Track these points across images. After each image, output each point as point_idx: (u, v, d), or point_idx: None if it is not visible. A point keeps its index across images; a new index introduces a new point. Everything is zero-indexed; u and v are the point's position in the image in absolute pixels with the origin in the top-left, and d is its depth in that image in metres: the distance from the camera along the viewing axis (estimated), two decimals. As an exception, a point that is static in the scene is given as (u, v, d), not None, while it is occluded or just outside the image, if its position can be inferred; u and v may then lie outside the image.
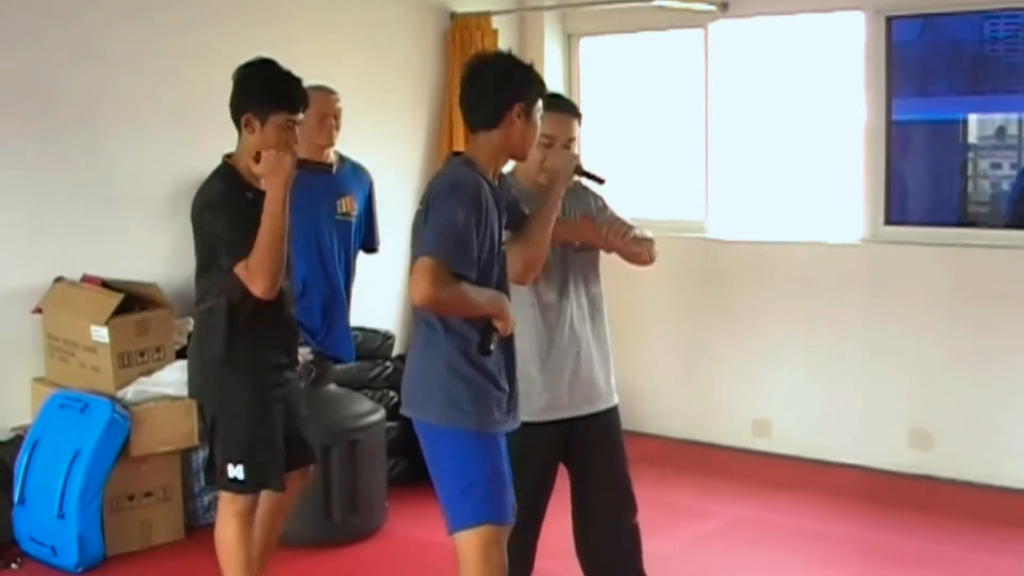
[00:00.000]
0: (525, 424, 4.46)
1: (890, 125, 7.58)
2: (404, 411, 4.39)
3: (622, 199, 5.54)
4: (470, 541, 4.21)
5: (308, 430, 5.20)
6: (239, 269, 4.65)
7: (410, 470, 7.31)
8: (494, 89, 4.27)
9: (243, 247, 4.63)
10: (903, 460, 7.51)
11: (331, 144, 6.32)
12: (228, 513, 4.95)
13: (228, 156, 4.87)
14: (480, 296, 4.14)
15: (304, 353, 6.32)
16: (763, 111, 8.26)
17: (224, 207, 4.73)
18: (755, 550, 6.31)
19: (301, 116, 4.87)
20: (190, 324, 6.37)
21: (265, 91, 4.79)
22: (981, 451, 7.25)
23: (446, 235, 4.08)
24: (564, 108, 4.78)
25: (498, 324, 4.18)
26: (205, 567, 5.63)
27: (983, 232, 7.34)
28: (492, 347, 4.17)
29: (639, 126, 8.78)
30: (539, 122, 4.35)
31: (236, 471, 4.86)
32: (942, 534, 6.53)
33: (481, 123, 4.26)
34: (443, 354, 4.18)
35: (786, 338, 7.86)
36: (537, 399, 4.69)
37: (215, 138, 5.08)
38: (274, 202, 4.63)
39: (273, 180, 4.63)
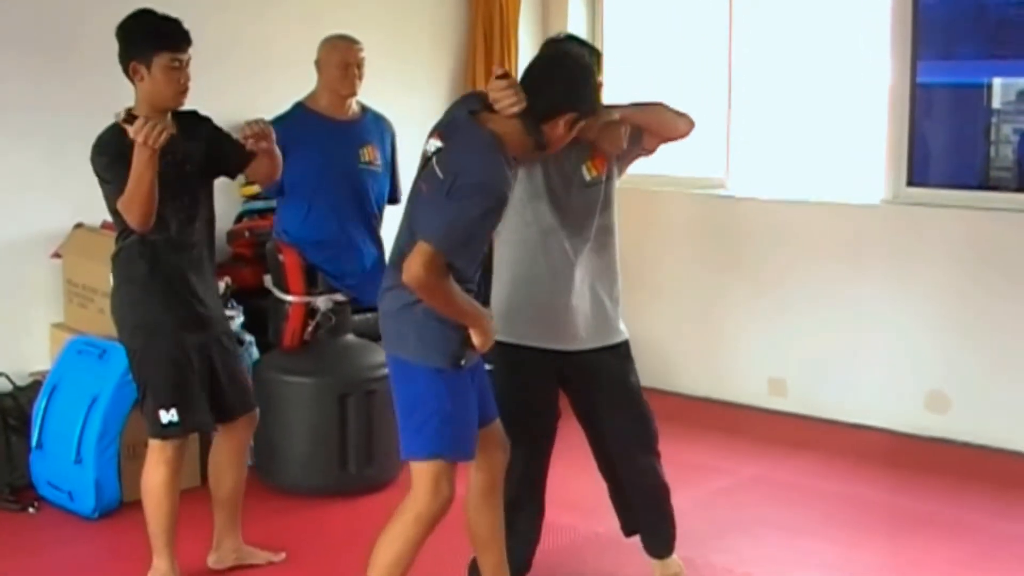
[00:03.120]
0: (506, 344, 4.65)
1: (915, 87, 7.53)
2: (384, 348, 4.50)
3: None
4: (423, 470, 4.40)
5: (243, 377, 5.38)
6: (119, 204, 4.81)
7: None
8: (563, 90, 4.27)
9: (121, 187, 4.78)
10: (919, 422, 7.50)
11: (353, 94, 6.32)
12: (158, 460, 5.06)
13: (130, 110, 4.92)
14: (466, 304, 4.22)
15: (323, 302, 6.36)
16: (787, 70, 8.23)
17: (108, 152, 4.89)
18: (769, 508, 6.32)
19: (186, 55, 4.94)
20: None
21: (145, 36, 4.90)
22: (998, 415, 7.24)
23: (458, 231, 4.12)
24: None
25: (476, 339, 4.26)
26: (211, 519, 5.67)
27: (1006, 196, 7.31)
28: (463, 363, 4.29)
29: (662, 81, 8.74)
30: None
31: (170, 415, 5.00)
32: (956, 497, 6.53)
33: (532, 109, 4.22)
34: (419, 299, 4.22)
35: (804, 298, 7.85)
36: (523, 325, 4.77)
37: (235, 85, 5.10)
38: (139, 164, 4.70)
39: (139, 150, 4.68)
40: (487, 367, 4.65)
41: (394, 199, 6.63)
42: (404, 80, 7.96)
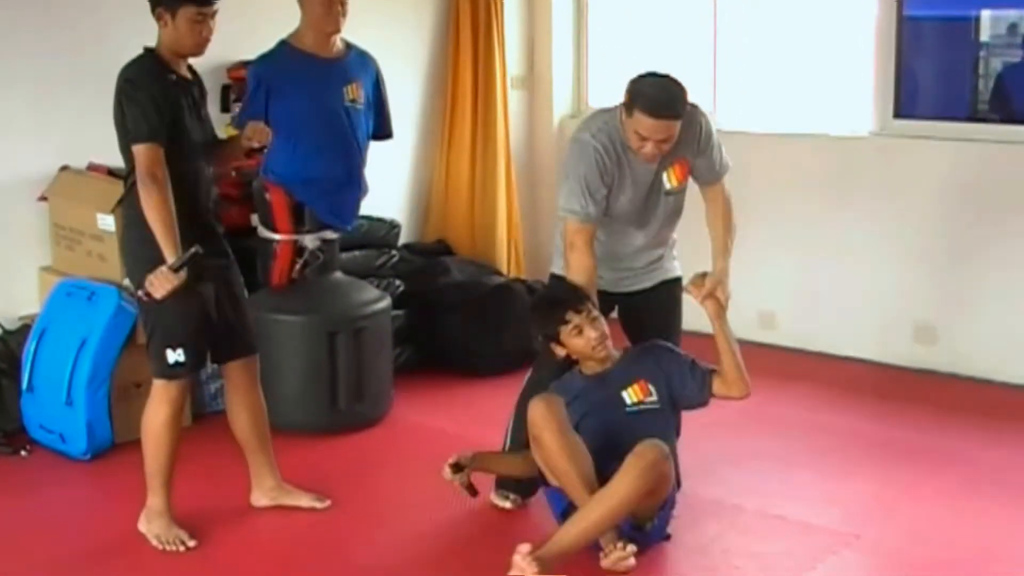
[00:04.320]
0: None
1: (901, 20, 7.51)
2: None
3: None
4: None
5: (248, 319, 5.40)
6: (136, 149, 4.83)
7: (416, 358, 7.37)
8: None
9: (156, 127, 4.83)
10: (907, 354, 7.53)
11: (338, 31, 6.29)
12: (162, 399, 5.10)
13: (148, 49, 5.02)
14: None
15: (310, 240, 6.36)
16: (774, 2, 8.20)
17: (144, 86, 4.90)
18: (758, 440, 6.35)
19: (212, 9, 5.00)
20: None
21: None
22: (985, 346, 7.27)
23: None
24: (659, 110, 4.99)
25: None
26: (213, 454, 5.71)
27: (993, 127, 7.30)
28: None
29: (649, 16, 8.72)
30: None
31: (177, 355, 5.03)
32: (944, 428, 6.57)
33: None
34: None
35: (793, 231, 7.86)
36: None
37: (221, 24, 5.08)
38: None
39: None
40: None
41: (383, 135, 6.62)
42: (388, 16, 7.91)
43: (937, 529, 5.35)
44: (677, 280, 5.59)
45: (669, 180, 5.29)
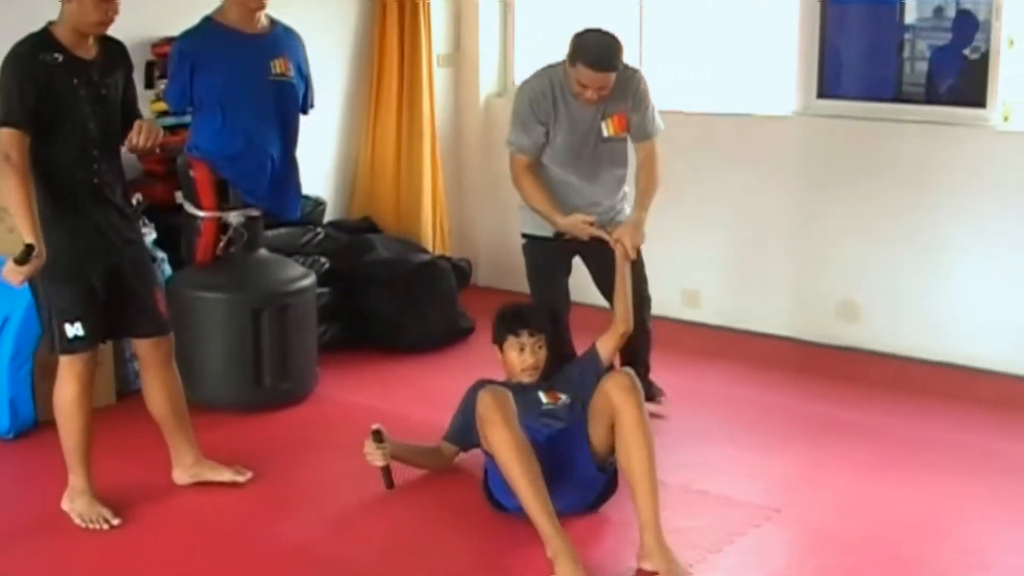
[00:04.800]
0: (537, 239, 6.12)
1: (825, 1, 7.56)
2: None
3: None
4: None
5: (157, 299, 5.36)
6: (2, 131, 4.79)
7: (341, 335, 7.37)
8: None
9: (16, 111, 4.79)
10: (831, 332, 7.61)
11: (262, 7, 6.25)
12: (69, 376, 5.09)
13: (51, 23, 4.98)
14: None
15: (234, 217, 6.33)
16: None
17: (20, 68, 4.86)
18: (684, 416, 6.38)
19: None
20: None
21: None
22: (906, 324, 7.35)
23: None
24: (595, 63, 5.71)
25: None
26: (137, 432, 5.67)
27: (915, 108, 7.36)
28: None
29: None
30: None
31: (75, 329, 5.02)
32: (866, 404, 6.65)
33: None
34: None
35: (717, 209, 7.90)
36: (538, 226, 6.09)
37: (144, 4, 5.07)
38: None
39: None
40: None
41: (302, 109, 6.60)
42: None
43: (858, 502, 5.42)
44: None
45: (607, 128, 5.96)
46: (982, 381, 6.98)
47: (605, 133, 5.98)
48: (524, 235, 6.24)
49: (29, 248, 4.74)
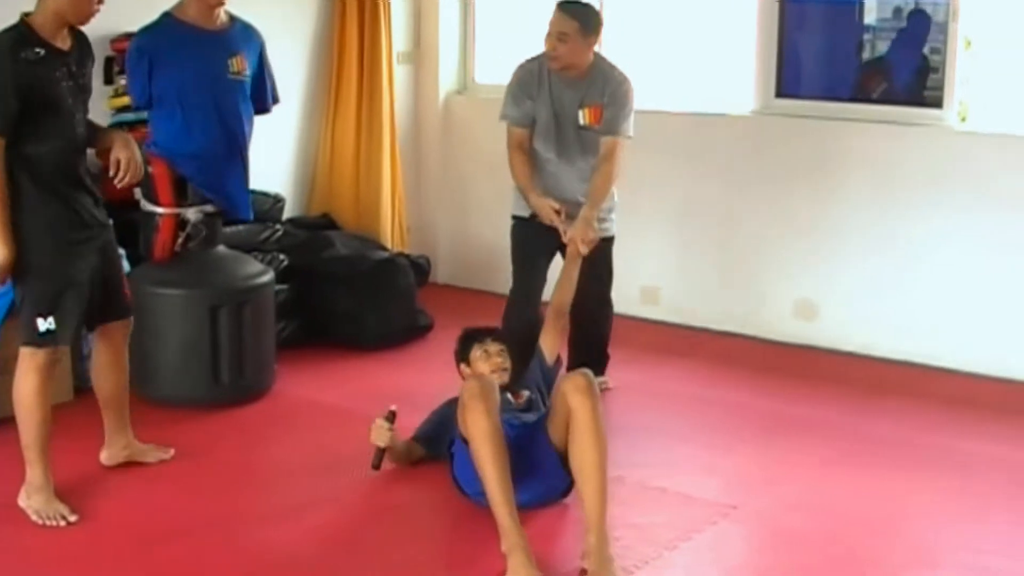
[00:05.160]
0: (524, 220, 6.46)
1: (784, 1, 7.60)
2: None
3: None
4: None
5: (123, 281, 5.44)
6: None
7: (300, 332, 7.35)
8: None
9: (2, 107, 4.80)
10: (788, 330, 7.65)
11: (222, 3, 6.23)
12: (30, 368, 5.07)
13: (26, 15, 4.97)
14: None
15: (193, 213, 6.32)
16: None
17: (2, 68, 4.83)
18: (642, 414, 6.42)
19: None
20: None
21: None
22: (863, 322, 7.40)
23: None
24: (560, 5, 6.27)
25: None
26: (95, 429, 5.63)
27: (873, 108, 7.41)
28: None
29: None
30: None
31: (48, 323, 5.02)
32: (823, 401, 6.69)
33: None
34: None
35: (676, 207, 7.93)
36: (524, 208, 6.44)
37: None
38: None
39: None
40: None
41: (263, 109, 6.59)
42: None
43: (814, 499, 5.45)
44: (610, 239, 6.53)
45: (584, 117, 6.32)
46: (938, 379, 7.04)
47: (581, 121, 6.32)
48: (512, 216, 6.54)
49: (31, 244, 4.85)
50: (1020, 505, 5.44)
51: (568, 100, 6.31)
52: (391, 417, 5.49)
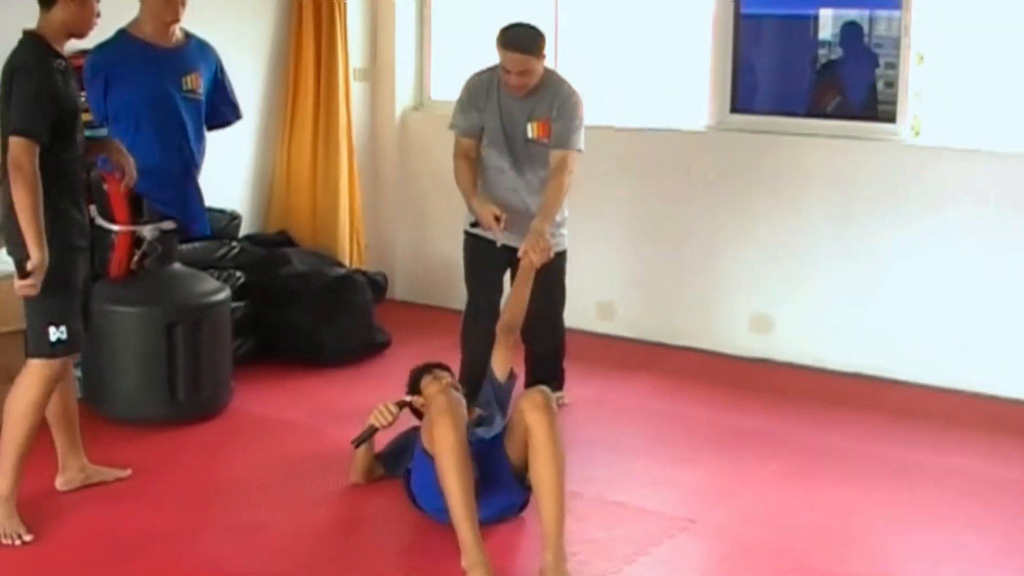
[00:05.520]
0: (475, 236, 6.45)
1: (739, 17, 7.65)
2: None
3: None
4: None
5: (91, 297, 5.45)
6: (12, 141, 4.82)
7: (257, 349, 7.35)
8: None
9: (27, 121, 4.84)
10: (744, 344, 7.69)
11: (177, 20, 6.23)
12: (38, 377, 5.08)
13: (29, 32, 5.03)
14: None
15: (149, 231, 6.31)
16: (613, -1, 8.32)
17: (35, 72, 4.91)
18: (598, 428, 6.43)
19: None
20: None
21: None
22: (817, 336, 7.45)
23: None
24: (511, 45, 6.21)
25: None
26: (51, 447, 5.59)
27: (827, 123, 7.47)
28: None
29: (491, 10, 8.76)
30: None
31: (60, 332, 5.03)
32: (778, 414, 6.73)
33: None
34: None
35: (631, 222, 7.96)
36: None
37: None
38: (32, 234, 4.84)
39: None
40: None
41: (223, 123, 6.59)
42: (229, 6, 7.84)
43: (772, 512, 5.48)
44: (562, 253, 6.51)
45: (532, 130, 6.33)
46: (893, 392, 7.10)
47: (529, 134, 6.34)
48: (464, 232, 6.56)
49: (22, 261, 4.85)
50: (970, 515, 5.49)
51: (517, 112, 6.34)
52: (401, 405, 5.50)
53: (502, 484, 5.13)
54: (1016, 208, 6.86)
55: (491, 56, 6.31)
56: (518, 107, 6.33)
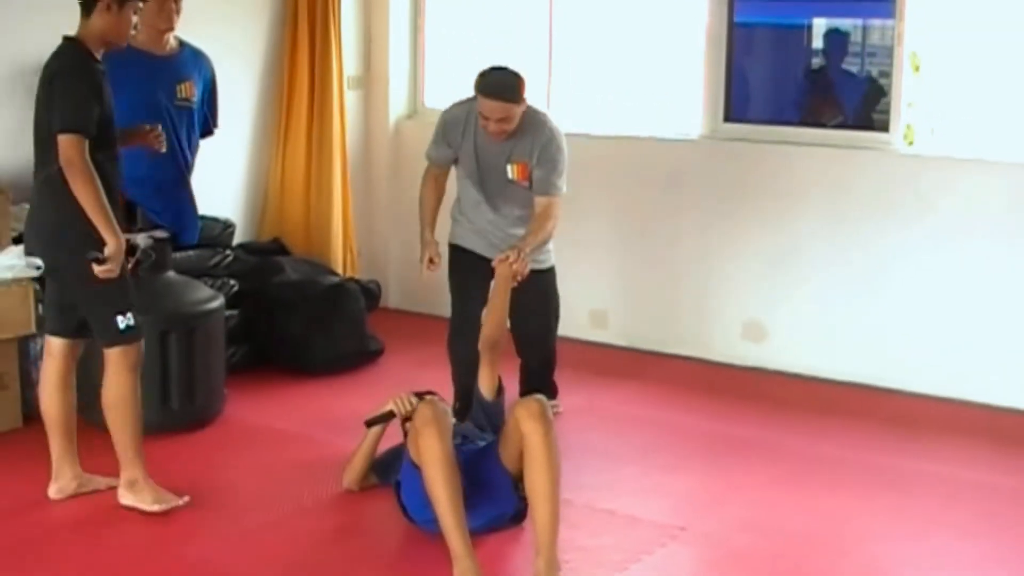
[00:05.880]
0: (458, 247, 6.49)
1: (732, 27, 7.66)
2: None
3: (469, 91, 5.93)
4: None
5: None
6: (63, 138, 4.97)
7: (250, 358, 7.35)
8: None
9: (77, 117, 5.00)
10: (736, 352, 7.69)
11: (171, 28, 6.26)
12: (123, 368, 5.27)
13: (69, 38, 5.16)
14: None
15: (142, 239, 6.31)
16: (607, 8, 8.31)
17: (76, 75, 5.07)
18: (590, 436, 6.44)
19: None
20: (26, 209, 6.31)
21: None
22: (811, 344, 7.46)
23: None
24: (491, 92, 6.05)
25: None
26: (44, 455, 5.60)
27: (820, 132, 7.48)
28: None
29: (485, 18, 8.79)
30: None
31: (127, 320, 5.23)
32: (769, 422, 6.74)
33: None
34: None
35: (624, 231, 7.97)
36: (459, 238, 6.51)
37: (51, 23, 5.07)
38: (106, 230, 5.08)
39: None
40: None
41: (208, 131, 6.60)
42: (224, 14, 7.85)
43: (762, 520, 5.48)
44: (549, 270, 6.51)
45: (512, 172, 6.22)
46: (885, 400, 7.11)
47: (509, 175, 6.26)
48: (449, 244, 6.53)
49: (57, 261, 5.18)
50: (961, 522, 5.50)
51: (494, 153, 6.24)
52: (420, 395, 5.44)
53: (494, 493, 5.13)
54: (1009, 217, 6.87)
55: (486, 61, 6.30)
56: (497, 148, 6.22)
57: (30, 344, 6.40)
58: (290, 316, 7.42)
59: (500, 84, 6.06)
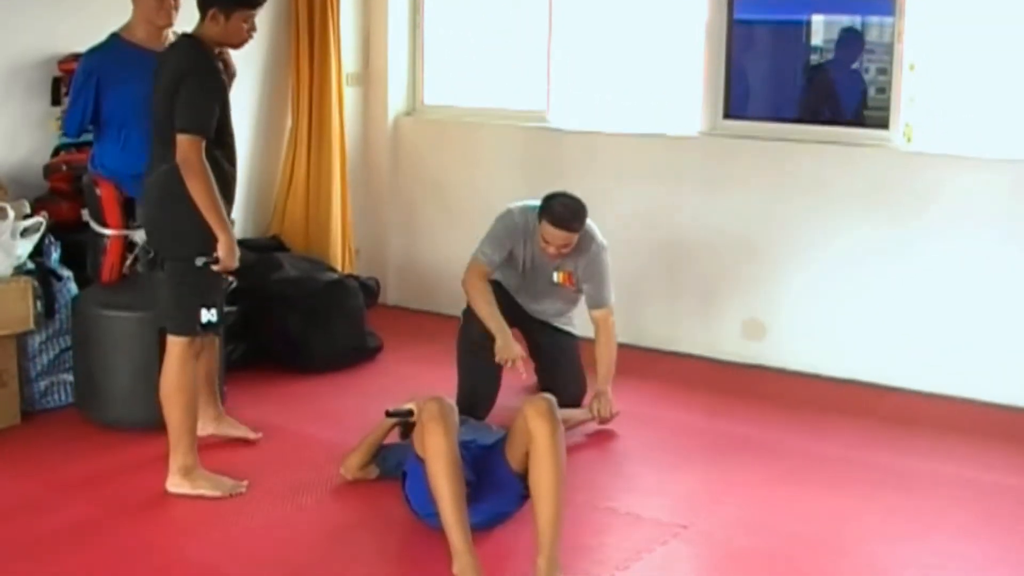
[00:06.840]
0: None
1: (731, 23, 7.66)
2: None
3: (468, 88, 5.86)
4: None
5: None
6: (183, 138, 5.22)
7: (248, 354, 7.33)
8: None
9: (200, 119, 5.27)
10: (736, 350, 7.69)
11: (170, 24, 6.22)
12: (186, 356, 5.51)
13: (188, 35, 5.49)
14: None
15: (141, 235, 6.29)
16: (606, 4, 8.30)
17: (204, 75, 5.35)
18: (592, 434, 6.44)
19: (259, 9, 5.52)
20: (26, 207, 6.31)
21: None
22: (811, 342, 7.45)
23: None
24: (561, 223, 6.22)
25: None
26: (43, 452, 5.62)
27: (819, 128, 7.47)
28: None
29: (484, 15, 8.78)
30: None
31: (210, 315, 5.50)
32: (770, 420, 6.72)
33: None
34: None
35: (624, 228, 7.94)
36: None
37: (51, 21, 5.04)
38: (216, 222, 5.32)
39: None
40: None
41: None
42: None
43: (763, 519, 5.47)
44: (575, 336, 6.84)
45: (557, 277, 6.52)
46: (885, 398, 7.09)
47: (555, 279, 6.54)
48: (466, 311, 6.52)
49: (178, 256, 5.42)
50: (963, 522, 5.48)
51: (544, 264, 6.45)
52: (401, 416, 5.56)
53: (497, 490, 5.13)
54: (1008, 214, 6.87)
55: (486, 59, 6.27)
56: (546, 259, 6.41)
57: (28, 341, 6.38)
58: (289, 313, 7.40)
59: (568, 215, 6.23)
